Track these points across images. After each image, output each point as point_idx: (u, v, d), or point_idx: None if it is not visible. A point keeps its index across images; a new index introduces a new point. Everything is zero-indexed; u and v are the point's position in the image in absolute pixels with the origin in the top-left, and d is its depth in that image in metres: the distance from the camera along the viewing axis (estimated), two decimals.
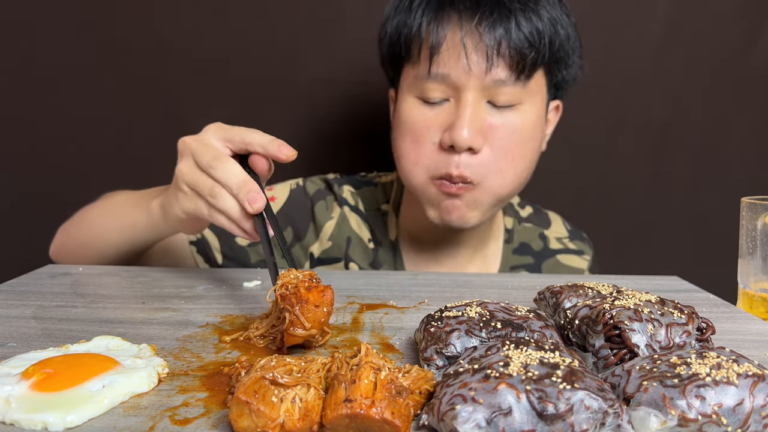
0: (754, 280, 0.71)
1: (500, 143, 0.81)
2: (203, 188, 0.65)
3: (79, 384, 0.41)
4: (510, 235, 1.00)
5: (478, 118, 0.80)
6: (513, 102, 0.81)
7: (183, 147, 0.69)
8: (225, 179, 0.64)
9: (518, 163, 0.83)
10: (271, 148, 0.67)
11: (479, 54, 0.78)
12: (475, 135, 0.79)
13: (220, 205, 0.64)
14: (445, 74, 0.80)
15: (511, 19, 0.78)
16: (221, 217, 0.65)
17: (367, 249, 0.96)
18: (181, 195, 0.68)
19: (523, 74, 0.80)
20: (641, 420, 0.36)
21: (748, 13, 1.19)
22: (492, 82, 0.79)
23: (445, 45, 0.79)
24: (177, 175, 0.68)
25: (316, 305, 0.51)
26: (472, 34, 0.78)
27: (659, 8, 1.19)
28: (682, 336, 0.45)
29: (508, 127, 0.81)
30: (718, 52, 1.20)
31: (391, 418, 0.35)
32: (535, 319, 0.49)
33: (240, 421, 0.36)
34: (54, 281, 0.73)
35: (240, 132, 0.68)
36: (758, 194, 0.71)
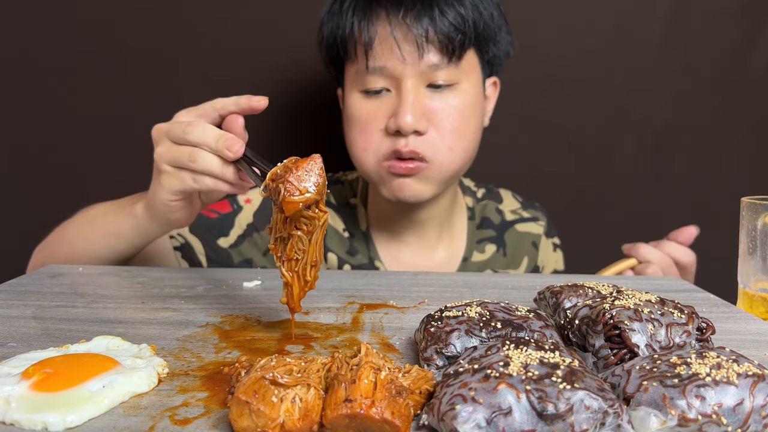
0: (754, 280, 0.71)
1: (444, 122, 0.86)
2: (182, 156, 0.66)
3: (79, 384, 0.41)
4: (472, 212, 1.07)
5: (420, 102, 0.85)
6: (450, 82, 0.86)
7: (157, 133, 0.71)
8: (201, 138, 0.65)
9: (464, 138, 0.89)
10: (243, 102, 0.71)
11: (410, 43, 0.84)
12: (418, 118, 0.84)
13: (202, 166, 0.65)
14: (382, 66, 0.85)
15: (434, 8, 0.83)
16: (206, 179, 0.66)
17: (343, 238, 1.01)
18: (165, 177, 0.69)
19: (454, 56, 0.85)
20: (641, 420, 0.36)
21: (748, 13, 1.19)
22: (427, 67, 0.85)
23: (377, 40, 0.85)
24: (156, 159, 0.71)
25: (307, 170, 0.52)
26: (400, 27, 0.84)
27: (659, 8, 1.19)
28: (682, 336, 0.45)
29: (449, 107, 0.87)
30: (718, 52, 1.20)
31: (391, 418, 0.35)
32: (535, 319, 0.49)
33: (240, 421, 0.36)
34: (54, 281, 0.73)
35: (208, 104, 0.71)
36: (758, 194, 0.71)
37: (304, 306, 0.65)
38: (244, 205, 0.98)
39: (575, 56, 1.21)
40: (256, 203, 0.98)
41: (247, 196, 0.99)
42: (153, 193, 0.72)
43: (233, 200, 0.98)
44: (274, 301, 0.66)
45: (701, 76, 1.22)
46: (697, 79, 1.22)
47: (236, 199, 0.98)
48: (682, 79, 1.22)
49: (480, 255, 1.04)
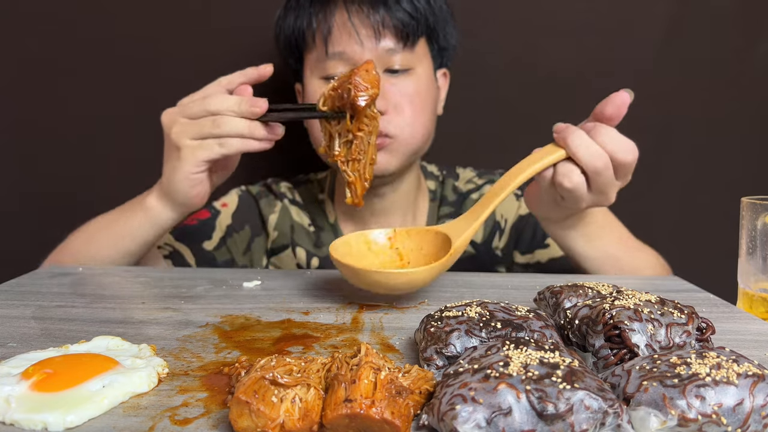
0: (754, 280, 0.71)
1: (402, 102, 0.92)
2: (205, 127, 0.72)
3: (79, 384, 0.41)
4: (434, 194, 1.10)
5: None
6: (405, 67, 0.92)
7: (168, 116, 0.76)
8: (222, 105, 0.71)
9: (421, 116, 0.94)
10: (250, 72, 0.76)
11: (367, 29, 0.88)
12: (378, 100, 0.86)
13: (228, 129, 0.71)
14: (341, 51, 0.89)
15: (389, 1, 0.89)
16: (234, 141, 0.72)
17: (309, 233, 1.06)
18: (187, 151, 0.73)
19: (409, 42, 0.91)
20: (641, 420, 0.36)
21: (748, 13, 1.19)
22: (384, 52, 0.90)
23: (336, 26, 0.89)
24: (174, 138, 0.74)
25: (366, 70, 0.64)
26: (357, 14, 0.88)
27: (659, 8, 1.19)
28: (682, 336, 0.45)
29: (406, 88, 0.92)
30: (718, 52, 1.20)
31: (391, 418, 0.35)
32: (535, 319, 0.49)
33: (240, 421, 0.36)
34: (54, 281, 0.73)
35: (210, 85, 0.76)
36: (758, 194, 0.71)
37: (304, 306, 0.65)
38: (221, 209, 1.02)
39: (575, 56, 1.21)
40: (232, 207, 1.03)
41: (224, 200, 1.04)
42: (171, 172, 0.76)
43: (210, 206, 1.02)
44: (274, 301, 0.66)
45: (701, 76, 1.22)
46: (697, 79, 1.22)
47: (213, 206, 1.02)
48: (682, 79, 1.22)
49: None
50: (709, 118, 1.24)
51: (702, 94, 1.22)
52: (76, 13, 1.19)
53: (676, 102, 1.23)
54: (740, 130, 1.24)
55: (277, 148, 0.80)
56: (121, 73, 1.21)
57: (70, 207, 1.27)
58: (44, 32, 1.19)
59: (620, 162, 0.70)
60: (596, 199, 0.72)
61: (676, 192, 1.27)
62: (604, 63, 1.20)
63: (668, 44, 1.20)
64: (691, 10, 1.18)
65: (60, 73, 1.21)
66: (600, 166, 0.69)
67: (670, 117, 1.23)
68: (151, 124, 1.22)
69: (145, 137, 1.23)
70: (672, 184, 1.26)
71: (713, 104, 1.23)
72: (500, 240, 1.05)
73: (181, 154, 0.74)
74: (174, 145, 0.74)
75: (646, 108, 1.23)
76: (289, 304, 0.65)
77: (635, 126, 1.24)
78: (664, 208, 1.27)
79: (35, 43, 1.20)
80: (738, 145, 1.25)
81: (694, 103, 1.23)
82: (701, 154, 1.25)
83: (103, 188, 1.26)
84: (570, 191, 0.70)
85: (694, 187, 1.26)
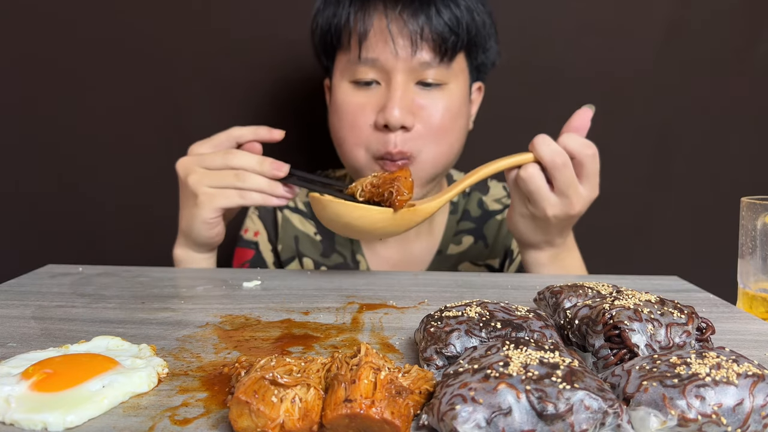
0: (753, 280, 0.71)
1: (430, 120, 0.88)
2: (227, 178, 0.76)
3: (79, 384, 0.41)
4: (455, 206, 1.07)
5: (408, 98, 0.87)
6: (439, 82, 0.88)
7: (184, 166, 0.79)
8: (244, 163, 0.76)
9: (449, 136, 0.91)
10: (262, 132, 0.81)
11: (404, 39, 0.85)
12: (405, 114, 0.86)
13: (249, 184, 0.76)
14: (374, 58, 0.86)
15: (431, 7, 0.85)
16: (254, 195, 0.77)
17: (315, 242, 1.04)
18: (205, 198, 0.77)
19: (446, 56, 0.87)
20: (641, 420, 0.36)
21: (748, 13, 1.19)
22: (418, 65, 0.86)
23: (372, 31, 0.86)
24: (192, 185, 0.78)
25: (405, 177, 0.72)
26: (396, 21, 0.85)
27: (659, 8, 1.19)
28: (682, 336, 0.45)
29: (437, 105, 0.88)
30: (718, 52, 1.20)
31: (391, 418, 0.35)
32: (535, 319, 0.49)
33: (240, 421, 0.36)
34: (54, 281, 0.73)
35: (222, 134, 0.80)
36: (758, 194, 0.71)
37: (304, 306, 0.65)
38: (257, 239, 1.03)
39: (575, 56, 1.21)
40: (262, 230, 1.04)
41: (252, 229, 1.05)
42: (190, 217, 0.80)
43: (243, 241, 1.03)
44: (274, 301, 0.66)
45: (701, 75, 1.22)
46: (697, 79, 1.22)
47: (245, 239, 1.03)
48: (682, 79, 1.22)
49: (456, 247, 1.05)
50: (709, 118, 1.24)
51: (702, 95, 1.22)
52: (76, 12, 1.19)
53: (676, 102, 1.23)
54: (740, 130, 1.24)
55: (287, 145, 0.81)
56: (122, 72, 1.21)
57: (70, 207, 1.27)
58: (43, 31, 1.19)
59: (579, 158, 0.76)
60: (560, 205, 0.77)
61: (676, 192, 1.27)
62: (604, 63, 1.21)
63: (668, 44, 1.20)
64: (691, 11, 1.18)
65: (60, 73, 1.21)
66: (558, 162, 0.75)
67: (670, 117, 1.23)
68: (152, 125, 1.23)
69: (146, 137, 1.23)
70: (672, 184, 1.26)
71: (713, 104, 1.23)
72: (509, 267, 1.06)
73: (198, 201, 0.78)
74: (191, 191, 0.78)
75: (646, 108, 1.24)
76: (289, 304, 0.65)
77: (636, 126, 1.24)
78: (664, 208, 1.27)
79: (34, 43, 1.20)
80: (738, 145, 1.25)
81: (694, 103, 1.23)
82: (701, 154, 1.25)
83: (104, 188, 1.26)
84: (533, 192, 0.77)
85: (694, 187, 1.26)
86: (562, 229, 0.81)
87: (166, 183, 1.11)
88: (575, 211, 0.77)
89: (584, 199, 0.78)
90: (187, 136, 1.21)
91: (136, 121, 1.23)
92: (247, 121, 1.20)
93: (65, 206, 1.26)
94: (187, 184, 0.78)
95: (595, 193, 0.79)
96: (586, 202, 0.78)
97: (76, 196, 1.26)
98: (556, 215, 0.78)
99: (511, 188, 0.81)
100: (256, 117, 1.21)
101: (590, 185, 0.78)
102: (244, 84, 1.21)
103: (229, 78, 1.21)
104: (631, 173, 1.26)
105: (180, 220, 0.83)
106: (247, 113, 1.22)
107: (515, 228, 0.84)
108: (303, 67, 1.19)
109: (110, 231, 1.27)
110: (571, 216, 0.78)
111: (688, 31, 1.19)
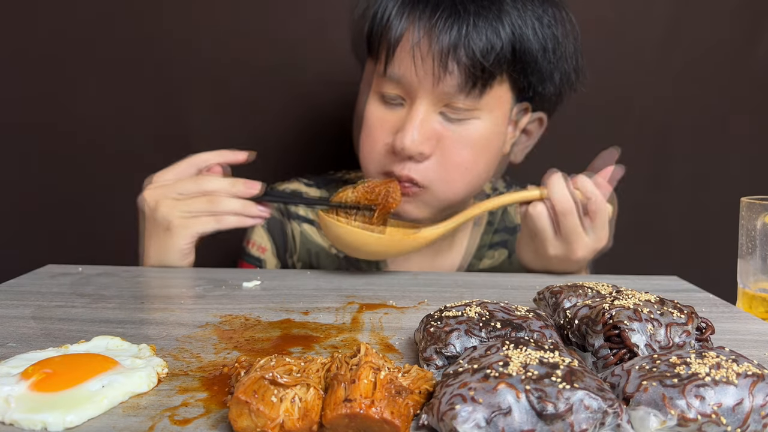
0: (753, 280, 0.71)
1: (449, 154, 0.80)
2: (200, 204, 0.76)
3: (78, 384, 0.41)
4: (479, 218, 1.00)
5: (428, 127, 0.79)
6: (467, 114, 0.79)
7: (151, 197, 0.78)
8: (216, 187, 0.76)
9: (468, 173, 0.82)
10: (228, 155, 0.79)
11: (430, 60, 0.76)
12: (421, 143, 0.78)
13: (223, 207, 0.76)
14: (400, 76, 0.79)
15: (468, 18, 0.74)
16: (230, 218, 0.76)
17: (331, 255, 0.99)
18: (179, 228, 0.76)
19: (476, 88, 0.77)
20: (641, 420, 0.36)
21: (748, 13, 1.19)
22: (443, 94, 0.77)
23: (399, 47, 0.78)
24: (164, 216, 0.76)
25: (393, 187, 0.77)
26: (426, 37, 0.76)
27: (659, 8, 1.19)
28: (682, 336, 0.45)
29: (460, 139, 0.80)
30: (718, 52, 1.20)
31: (390, 417, 0.35)
32: (535, 318, 0.49)
33: (239, 421, 0.36)
34: (53, 281, 0.73)
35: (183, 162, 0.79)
36: (758, 194, 0.71)
37: (303, 306, 0.65)
38: (262, 256, 0.99)
39: None
40: (269, 245, 0.99)
41: (258, 243, 0.99)
42: (161, 247, 0.79)
43: (248, 256, 0.99)
44: (274, 301, 0.66)
45: (701, 75, 1.22)
46: (697, 79, 1.22)
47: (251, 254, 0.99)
48: (682, 79, 1.22)
49: (487, 261, 1.00)
50: (709, 118, 1.24)
51: (702, 94, 1.22)
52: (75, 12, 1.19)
53: (676, 102, 1.23)
54: (740, 130, 1.24)
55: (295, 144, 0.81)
56: (122, 73, 1.21)
57: (70, 207, 1.27)
58: (44, 31, 1.19)
59: (587, 208, 0.75)
60: (562, 248, 0.77)
61: (675, 192, 1.27)
62: (604, 63, 1.20)
63: (668, 44, 1.20)
64: (691, 10, 1.18)
65: (60, 74, 1.21)
66: (566, 207, 0.74)
67: (670, 117, 1.23)
68: (151, 124, 1.23)
69: (146, 137, 1.23)
70: (672, 184, 1.26)
71: (713, 104, 1.23)
72: None
73: (172, 231, 0.77)
74: (163, 221, 0.77)
75: (646, 108, 1.23)
76: (289, 304, 0.65)
77: (636, 126, 1.24)
78: (663, 208, 1.27)
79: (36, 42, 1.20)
80: (738, 145, 1.25)
81: (694, 103, 1.23)
82: (701, 154, 1.25)
83: (105, 188, 1.26)
84: (538, 230, 0.77)
85: (694, 187, 1.26)
86: (566, 268, 0.80)
87: None
88: (576, 257, 0.76)
89: (587, 248, 0.76)
90: (187, 136, 1.22)
91: (136, 121, 1.23)
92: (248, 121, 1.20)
93: (65, 206, 1.26)
94: (157, 214, 0.77)
95: (601, 243, 0.77)
96: (590, 250, 0.76)
97: (76, 196, 1.26)
98: (557, 256, 0.77)
99: (521, 220, 0.82)
100: (257, 117, 1.21)
101: (597, 235, 0.76)
102: (244, 84, 1.21)
103: (229, 78, 1.21)
104: (631, 173, 1.25)
105: (146, 251, 0.81)
106: (247, 113, 1.22)
107: (521, 254, 0.84)
108: (305, 68, 1.19)
109: (110, 231, 1.27)
110: (572, 260, 0.77)
111: (689, 31, 1.19)
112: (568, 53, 0.83)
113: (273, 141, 1.20)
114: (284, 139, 1.21)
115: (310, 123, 1.22)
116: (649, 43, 1.20)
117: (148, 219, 0.80)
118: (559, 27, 0.81)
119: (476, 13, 0.75)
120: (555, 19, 0.80)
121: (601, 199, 0.75)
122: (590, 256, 0.77)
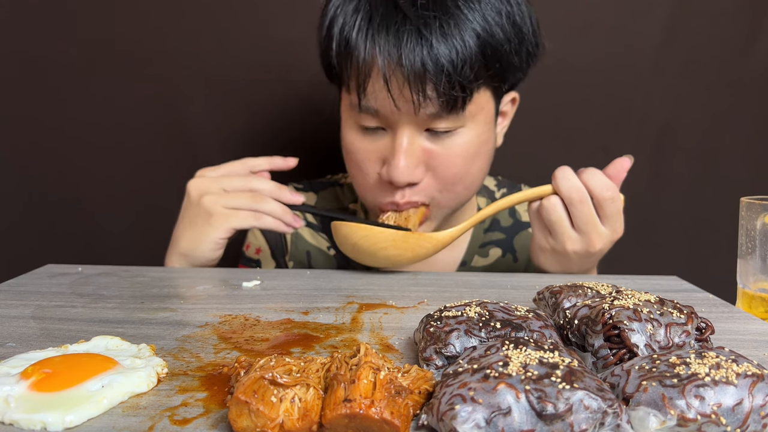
0: (753, 280, 0.71)
1: (443, 169, 0.80)
2: (244, 200, 0.79)
3: (78, 384, 0.41)
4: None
5: (415, 151, 0.78)
6: (453, 127, 0.78)
7: (198, 186, 0.80)
8: (262, 187, 0.80)
9: (466, 179, 0.83)
10: (278, 162, 0.83)
11: (405, 95, 0.73)
12: (412, 172, 0.78)
13: (265, 208, 0.79)
14: (377, 109, 0.77)
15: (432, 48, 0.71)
16: (268, 218, 0.79)
17: (328, 256, 0.99)
18: (219, 218, 0.78)
19: (457, 105, 0.75)
20: (641, 420, 0.36)
21: (748, 13, 1.19)
22: (425, 117, 0.76)
23: (371, 80, 0.75)
24: (207, 206, 0.79)
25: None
26: (397, 71, 0.72)
27: (659, 8, 1.19)
28: (682, 336, 0.45)
29: (450, 153, 0.79)
30: (718, 52, 1.20)
31: (390, 417, 0.35)
32: (535, 319, 0.49)
33: (239, 421, 0.36)
34: (53, 281, 0.73)
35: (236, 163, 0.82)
36: (758, 194, 0.71)
37: (303, 306, 0.65)
38: (257, 257, 1.01)
39: (575, 56, 1.21)
40: (265, 246, 1.01)
41: (254, 245, 1.02)
42: (198, 236, 0.80)
43: (244, 259, 1.02)
44: (274, 301, 0.66)
45: (701, 76, 1.22)
46: (697, 79, 1.22)
47: (247, 256, 1.02)
48: (682, 79, 1.22)
49: (482, 260, 1.00)
50: (709, 118, 1.24)
51: (702, 95, 1.22)
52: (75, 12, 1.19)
53: (676, 102, 1.23)
54: (740, 130, 1.24)
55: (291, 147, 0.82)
56: (122, 73, 1.21)
57: (70, 207, 1.27)
58: (44, 31, 1.19)
59: (598, 198, 0.75)
60: (580, 241, 0.76)
61: (675, 192, 1.27)
62: (604, 63, 1.20)
63: (668, 44, 1.20)
64: (691, 11, 1.18)
65: (60, 73, 1.21)
66: (576, 198, 0.74)
67: (670, 117, 1.23)
68: (151, 125, 1.23)
69: (146, 136, 1.23)
70: (672, 184, 1.26)
71: (713, 104, 1.23)
72: None
73: (212, 221, 0.79)
74: (205, 211, 0.79)
75: (647, 108, 1.23)
76: (289, 304, 0.65)
77: (635, 126, 1.24)
78: (663, 208, 1.27)
79: (34, 43, 1.20)
80: (738, 145, 1.25)
81: (694, 103, 1.23)
82: (701, 154, 1.25)
83: (104, 188, 1.26)
84: (554, 222, 0.76)
85: (694, 187, 1.26)
86: (584, 265, 0.80)
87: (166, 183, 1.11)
88: (595, 248, 0.76)
89: (605, 238, 0.76)
90: (187, 136, 1.22)
91: (136, 121, 1.23)
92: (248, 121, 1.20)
93: (65, 206, 1.26)
94: (202, 203, 0.79)
95: (617, 234, 0.77)
96: (608, 241, 0.76)
97: (75, 196, 1.26)
98: (576, 251, 0.76)
99: (533, 220, 0.80)
100: (256, 117, 1.21)
101: (611, 226, 0.76)
102: (244, 84, 1.21)
103: (229, 78, 1.21)
104: (631, 173, 1.25)
105: (179, 239, 0.82)
106: (247, 114, 1.22)
107: (536, 260, 0.82)
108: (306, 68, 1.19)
109: (110, 231, 1.27)
110: (592, 253, 0.76)
111: (688, 31, 1.19)
112: (529, 36, 0.81)
113: (273, 141, 1.20)
114: (284, 139, 1.21)
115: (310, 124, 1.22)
116: (649, 43, 1.20)
117: (189, 207, 0.81)
118: (516, 13, 0.78)
119: (440, 29, 0.72)
120: (511, 5, 0.78)
121: (605, 192, 0.75)
122: (608, 247, 0.77)
